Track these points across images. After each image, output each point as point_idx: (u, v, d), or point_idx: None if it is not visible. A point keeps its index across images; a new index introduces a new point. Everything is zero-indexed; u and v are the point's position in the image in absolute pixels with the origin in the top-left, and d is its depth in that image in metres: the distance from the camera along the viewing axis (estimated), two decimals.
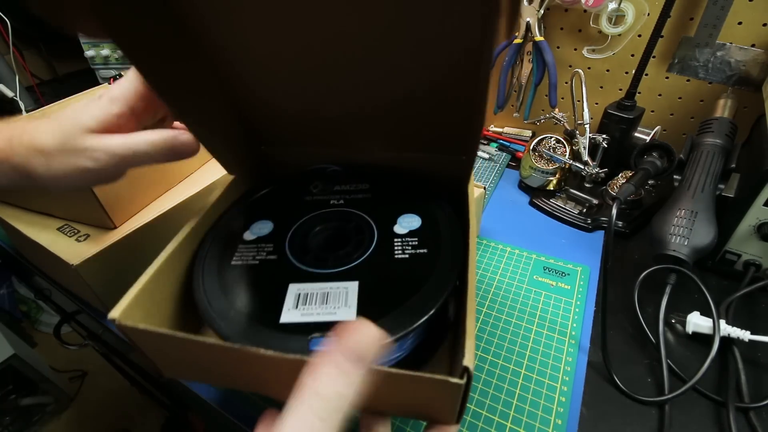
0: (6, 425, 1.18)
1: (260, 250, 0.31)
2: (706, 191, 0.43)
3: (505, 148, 0.74)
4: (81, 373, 1.35)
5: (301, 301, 0.27)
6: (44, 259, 0.46)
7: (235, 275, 0.29)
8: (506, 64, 0.63)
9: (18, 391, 1.16)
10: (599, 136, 0.55)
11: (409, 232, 0.31)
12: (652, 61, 0.57)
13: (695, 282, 0.39)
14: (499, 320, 0.43)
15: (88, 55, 0.86)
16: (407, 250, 0.30)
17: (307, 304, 0.27)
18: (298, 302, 0.27)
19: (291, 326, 0.25)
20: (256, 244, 0.31)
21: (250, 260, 0.30)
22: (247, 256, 0.30)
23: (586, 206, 0.57)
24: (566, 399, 0.36)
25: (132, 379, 1.04)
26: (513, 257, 0.51)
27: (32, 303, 1.46)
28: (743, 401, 0.35)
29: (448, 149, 0.34)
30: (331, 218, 0.34)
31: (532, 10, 0.59)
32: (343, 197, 0.35)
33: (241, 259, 0.30)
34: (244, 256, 0.30)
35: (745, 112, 0.54)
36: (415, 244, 0.30)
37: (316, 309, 0.26)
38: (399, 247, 0.30)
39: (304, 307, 0.26)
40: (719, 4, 0.50)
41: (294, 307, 0.26)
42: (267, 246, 0.31)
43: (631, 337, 0.41)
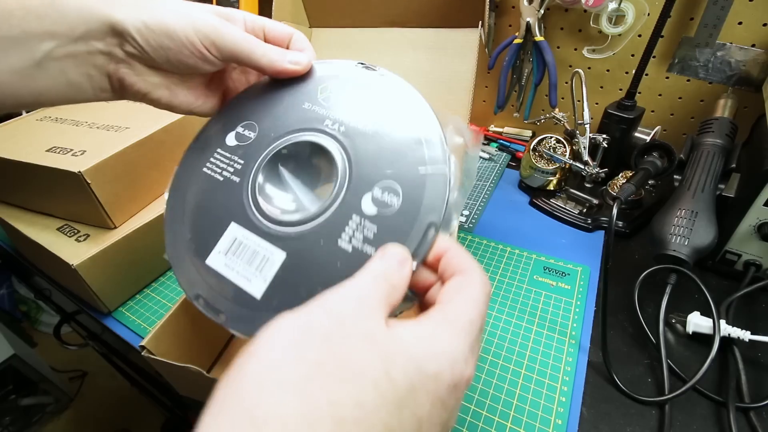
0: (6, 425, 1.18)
1: (230, 163, 0.28)
2: (707, 191, 0.43)
3: (505, 148, 0.74)
4: (81, 373, 1.35)
5: (232, 250, 0.25)
6: (44, 259, 0.46)
7: (200, 187, 0.28)
8: (506, 64, 0.63)
9: (18, 391, 1.16)
10: (599, 136, 0.55)
11: (376, 214, 0.23)
12: (652, 61, 0.57)
13: (695, 282, 0.39)
14: (499, 320, 0.43)
15: None
16: (355, 240, 0.23)
17: (236, 255, 0.25)
18: (229, 249, 0.25)
19: (211, 272, 0.25)
20: (231, 155, 0.28)
21: (217, 173, 0.28)
22: (218, 167, 0.28)
23: (586, 206, 0.57)
24: (566, 399, 0.36)
25: (132, 379, 1.04)
26: (513, 257, 0.51)
27: (32, 303, 1.46)
28: (743, 401, 0.35)
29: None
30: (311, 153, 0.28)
31: (532, 10, 0.59)
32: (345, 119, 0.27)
33: (211, 169, 0.28)
34: (216, 166, 0.28)
35: (745, 112, 0.54)
36: (369, 236, 0.23)
37: (238, 266, 0.25)
38: (351, 230, 0.23)
39: (232, 258, 0.25)
40: (719, 4, 0.50)
41: (224, 252, 0.25)
42: (238, 162, 0.28)
43: (631, 337, 0.41)
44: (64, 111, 0.53)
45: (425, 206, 0.23)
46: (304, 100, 0.29)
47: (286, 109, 0.29)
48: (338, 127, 0.27)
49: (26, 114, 0.53)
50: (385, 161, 0.25)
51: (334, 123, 0.27)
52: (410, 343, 0.17)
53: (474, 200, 0.61)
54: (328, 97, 0.28)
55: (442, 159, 0.24)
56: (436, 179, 0.24)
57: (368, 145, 0.26)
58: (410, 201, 0.23)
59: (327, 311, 0.17)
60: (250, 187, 0.27)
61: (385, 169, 0.25)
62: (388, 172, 0.25)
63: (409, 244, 0.22)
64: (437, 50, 0.45)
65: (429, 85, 0.46)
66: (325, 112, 0.28)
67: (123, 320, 0.45)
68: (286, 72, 0.28)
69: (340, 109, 0.28)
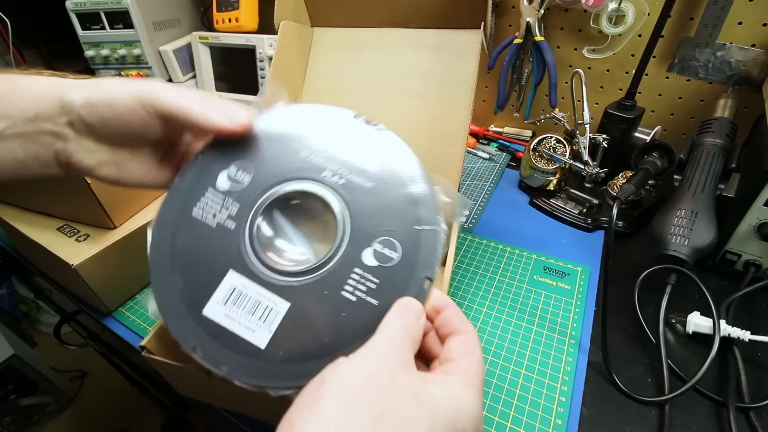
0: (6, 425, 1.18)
1: (224, 207, 0.27)
2: (707, 191, 0.43)
3: (505, 148, 0.74)
4: (81, 373, 1.35)
5: (232, 299, 0.25)
6: (44, 259, 0.46)
7: (191, 231, 0.27)
8: (506, 64, 0.63)
9: (18, 391, 1.16)
10: (599, 136, 0.55)
11: (377, 266, 0.25)
12: (652, 61, 0.57)
13: (695, 282, 0.39)
14: (499, 320, 0.43)
15: (88, 55, 0.86)
16: (358, 291, 0.24)
17: (236, 305, 0.25)
18: (228, 299, 0.25)
19: (209, 323, 0.25)
20: (224, 197, 0.27)
21: (208, 218, 0.27)
22: (208, 211, 0.27)
23: (586, 206, 0.57)
24: (566, 399, 0.36)
25: (132, 379, 1.04)
26: (513, 257, 0.51)
27: (32, 303, 1.46)
28: (743, 401, 0.35)
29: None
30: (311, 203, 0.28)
31: (532, 10, 0.59)
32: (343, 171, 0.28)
33: (202, 212, 0.27)
34: (206, 209, 0.27)
35: (745, 112, 0.54)
36: (372, 287, 0.24)
37: (240, 317, 0.24)
38: (354, 282, 0.25)
39: (232, 308, 0.25)
40: (719, 4, 0.50)
41: (222, 302, 0.25)
42: (233, 206, 0.27)
43: (631, 337, 0.41)
44: None
45: (421, 261, 0.25)
46: (301, 147, 0.28)
47: (283, 155, 0.28)
48: (338, 179, 0.27)
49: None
50: (384, 217, 0.26)
51: (334, 175, 0.27)
52: (445, 401, 0.19)
53: (474, 200, 0.61)
54: (327, 148, 0.28)
55: (434, 217, 0.26)
56: (430, 236, 0.25)
57: (367, 200, 0.27)
58: (408, 255, 0.25)
59: (379, 363, 0.20)
60: (248, 235, 0.26)
61: (384, 225, 0.26)
62: (388, 228, 0.26)
63: (408, 295, 0.24)
64: (439, 51, 0.46)
65: (430, 85, 0.46)
66: (323, 162, 0.28)
67: (123, 320, 0.45)
68: (225, 130, 0.27)
69: (338, 162, 0.28)
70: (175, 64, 0.84)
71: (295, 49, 0.49)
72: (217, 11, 0.81)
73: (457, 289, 0.47)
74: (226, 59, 0.83)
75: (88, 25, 0.83)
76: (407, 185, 0.27)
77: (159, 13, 0.84)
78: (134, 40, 0.81)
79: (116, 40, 0.83)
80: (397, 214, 0.26)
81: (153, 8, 0.82)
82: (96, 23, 0.82)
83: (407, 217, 0.26)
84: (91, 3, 0.79)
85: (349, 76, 0.49)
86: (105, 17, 0.81)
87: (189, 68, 0.88)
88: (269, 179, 0.27)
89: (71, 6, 0.81)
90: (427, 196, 0.27)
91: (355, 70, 0.49)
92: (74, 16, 0.82)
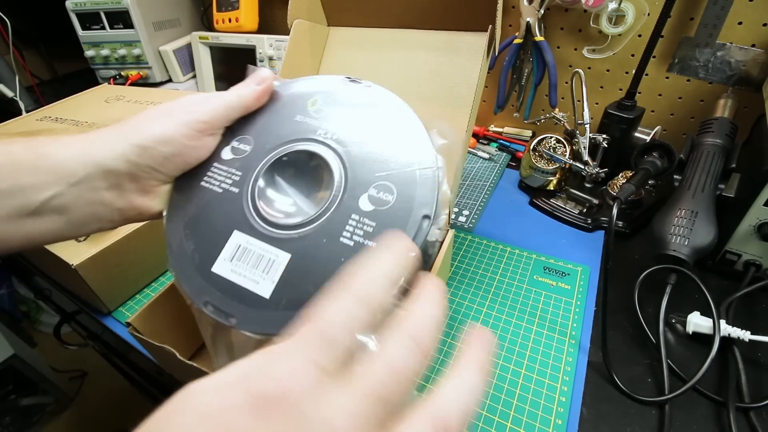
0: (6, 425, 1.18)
1: (228, 176, 0.29)
2: (707, 191, 0.43)
3: (505, 148, 0.74)
4: (81, 373, 1.35)
5: (237, 256, 0.26)
6: (44, 259, 0.46)
7: (199, 200, 0.28)
8: (506, 64, 0.63)
9: (18, 391, 1.16)
10: (599, 136, 0.55)
11: (373, 210, 0.25)
12: (652, 61, 0.57)
13: (695, 282, 0.39)
14: (499, 320, 0.43)
15: (88, 55, 0.86)
16: (356, 236, 0.25)
17: (241, 261, 0.26)
18: (234, 255, 0.26)
19: (218, 279, 0.26)
20: (228, 168, 0.29)
21: (215, 186, 0.28)
22: (215, 180, 0.29)
23: (586, 206, 0.57)
24: (566, 399, 0.36)
25: (132, 379, 1.04)
26: (513, 257, 0.51)
27: (32, 303, 1.46)
28: (743, 401, 0.35)
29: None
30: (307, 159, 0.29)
31: (532, 10, 0.59)
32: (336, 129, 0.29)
33: (209, 182, 0.29)
34: (214, 179, 0.29)
35: (745, 112, 0.54)
36: (369, 230, 0.25)
37: (245, 270, 0.26)
38: (351, 227, 0.25)
39: (237, 264, 0.26)
40: (719, 4, 0.50)
41: (229, 259, 0.26)
42: (236, 174, 0.29)
43: (631, 337, 0.41)
44: (64, 111, 0.53)
45: (418, 201, 0.25)
46: (295, 113, 0.30)
47: (278, 122, 0.30)
48: (331, 135, 0.28)
49: (26, 114, 0.53)
50: (378, 164, 0.27)
51: (327, 132, 0.29)
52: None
53: (474, 200, 0.61)
54: (319, 109, 0.30)
55: (430, 158, 0.27)
56: (426, 176, 0.26)
57: (361, 150, 0.28)
58: (404, 197, 0.26)
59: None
60: (250, 196, 0.28)
61: (379, 171, 0.27)
62: (382, 173, 0.27)
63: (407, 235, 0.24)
64: (449, 52, 0.46)
65: (438, 88, 0.46)
66: (317, 123, 0.29)
67: (123, 320, 0.45)
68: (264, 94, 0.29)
69: (331, 120, 0.29)
70: (175, 64, 0.84)
71: (308, 48, 0.49)
72: (217, 11, 0.81)
73: (457, 289, 0.47)
74: (226, 59, 0.83)
75: (88, 25, 0.83)
76: (398, 130, 0.28)
77: (159, 13, 0.84)
78: (134, 40, 0.81)
79: (116, 40, 0.83)
80: (392, 159, 0.27)
81: (153, 8, 0.82)
82: (96, 23, 0.82)
83: (401, 161, 0.27)
84: (91, 3, 0.79)
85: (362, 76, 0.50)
86: (105, 17, 0.81)
87: (189, 68, 0.88)
88: (268, 145, 0.29)
89: (71, 6, 0.81)
90: (420, 137, 0.27)
91: (367, 70, 0.49)
92: (74, 16, 0.82)
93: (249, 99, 0.29)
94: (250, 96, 0.29)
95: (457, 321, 0.43)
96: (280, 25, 0.89)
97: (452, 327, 0.43)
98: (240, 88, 0.29)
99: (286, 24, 0.47)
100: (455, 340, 0.41)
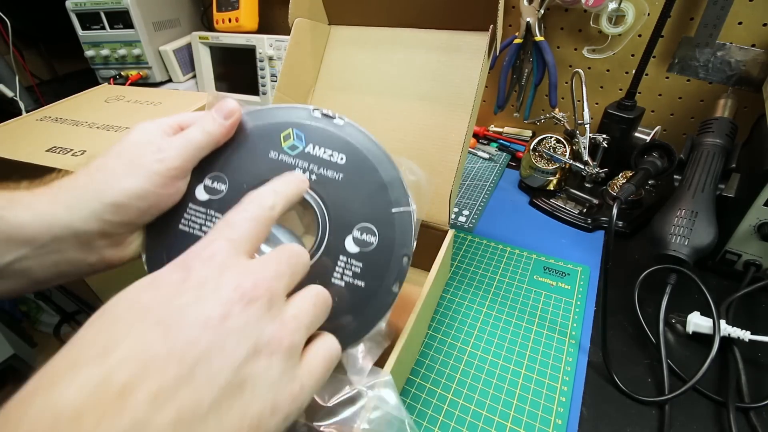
0: None
1: (208, 218, 0.28)
2: (707, 191, 0.43)
3: (505, 148, 0.74)
4: None
5: None
6: None
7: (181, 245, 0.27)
8: (506, 64, 0.63)
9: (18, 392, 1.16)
10: (599, 136, 0.55)
11: (358, 251, 0.27)
12: (652, 61, 0.57)
13: (695, 282, 0.39)
14: (499, 320, 0.43)
15: (88, 55, 0.86)
16: (346, 276, 0.27)
17: None
18: None
19: None
20: (206, 209, 0.28)
21: (196, 230, 0.28)
22: (194, 223, 0.28)
23: (586, 206, 0.57)
24: (566, 399, 0.36)
25: None
26: (513, 257, 0.51)
27: (32, 303, 1.45)
28: (743, 401, 0.35)
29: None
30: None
31: (532, 10, 0.59)
32: (312, 167, 0.29)
33: (188, 225, 0.28)
34: (192, 222, 0.28)
35: (745, 112, 0.54)
36: (357, 271, 0.27)
37: None
38: (340, 268, 0.27)
39: None
40: (719, 4, 0.50)
41: None
42: (216, 216, 0.28)
43: (631, 337, 0.41)
44: (64, 111, 0.53)
45: (398, 241, 0.27)
46: (268, 148, 0.29)
47: (252, 158, 0.29)
48: (309, 176, 0.29)
49: (26, 114, 0.53)
50: (358, 205, 0.28)
51: (305, 172, 0.29)
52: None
53: (474, 200, 0.61)
54: (294, 146, 0.29)
55: (405, 198, 0.28)
56: (403, 217, 0.28)
57: (340, 191, 0.28)
58: (385, 238, 0.27)
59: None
60: None
61: (360, 213, 0.28)
62: (363, 215, 0.28)
63: (390, 274, 0.27)
64: (449, 52, 0.46)
65: (438, 88, 0.46)
66: (292, 161, 0.29)
67: None
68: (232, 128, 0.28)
69: (307, 159, 0.29)
70: (175, 64, 0.84)
71: (309, 47, 0.49)
72: (217, 11, 0.81)
73: (458, 289, 0.47)
74: (226, 59, 0.83)
75: (88, 25, 0.83)
76: (375, 172, 0.29)
77: (159, 13, 0.84)
78: (134, 40, 0.81)
79: (116, 40, 0.83)
80: (370, 201, 0.28)
81: (153, 8, 0.82)
82: (96, 23, 0.82)
83: (380, 202, 0.28)
84: (91, 3, 0.79)
85: (362, 75, 0.50)
86: (105, 17, 0.81)
87: (189, 68, 0.88)
88: (245, 184, 0.28)
89: (71, 6, 0.81)
90: (395, 179, 0.29)
91: (368, 69, 0.49)
92: (74, 16, 0.82)
93: (218, 136, 0.27)
94: (219, 133, 0.27)
95: (457, 321, 0.43)
96: (280, 25, 0.89)
97: (452, 327, 0.43)
98: (207, 124, 0.27)
99: (286, 24, 0.47)
100: (456, 341, 0.41)
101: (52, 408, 0.14)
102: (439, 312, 0.44)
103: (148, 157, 0.25)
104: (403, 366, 0.36)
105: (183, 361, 0.16)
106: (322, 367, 0.21)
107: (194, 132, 0.27)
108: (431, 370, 0.39)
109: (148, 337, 0.16)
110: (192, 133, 0.27)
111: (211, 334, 0.17)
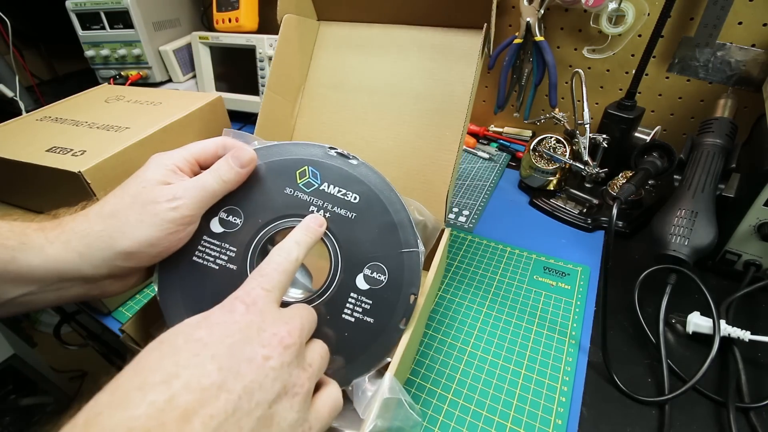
0: (6, 425, 1.18)
1: (223, 251, 0.29)
2: (707, 191, 0.43)
3: (505, 148, 0.74)
4: (81, 373, 1.35)
5: None
6: None
7: (194, 277, 0.28)
8: (506, 64, 0.63)
9: (18, 391, 1.16)
10: (599, 136, 0.55)
11: (368, 289, 0.28)
12: (652, 61, 0.57)
13: (695, 282, 0.39)
14: (499, 320, 0.43)
15: (88, 55, 0.86)
16: (356, 313, 0.28)
17: None
18: None
19: None
20: (220, 242, 0.29)
21: (210, 262, 0.28)
22: (209, 256, 0.28)
23: (586, 206, 0.57)
24: (566, 399, 0.36)
25: None
26: (513, 257, 0.51)
27: None
28: (743, 401, 0.35)
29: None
30: None
31: (532, 10, 0.59)
32: (327, 205, 0.30)
33: (202, 258, 0.28)
34: (206, 255, 0.28)
35: (745, 112, 0.54)
36: (367, 308, 0.28)
37: None
38: (351, 305, 0.28)
39: None
40: (719, 4, 0.50)
41: None
42: (230, 249, 0.29)
43: (631, 337, 0.41)
44: (64, 111, 0.53)
45: (406, 280, 0.29)
46: (284, 185, 0.30)
47: (267, 194, 0.30)
48: (323, 213, 0.30)
49: (26, 114, 0.53)
50: (370, 244, 0.29)
51: (319, 210, 0.30)
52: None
53: (474, 200, 0.61)
54: (309, 183, 0.30)
55: (414, 239, 0.29)
56: (412, 257, 0.29)
57: (352, 230, 0.30)
58: (394, 276, 0.29)
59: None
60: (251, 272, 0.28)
61: (371, 252, 0.29)
62: (374, 254, 0.29)
63: (398, 311, 0.28)
64: (443, 50, 0.45)
65: (432, 86, 0.45)
66: (307, 198, 0.30)
67: (123, 320, 0.45)
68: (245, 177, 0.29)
69: (321, 197, 0.30)
70: (175, 64, 0.84)
71: (298, 44, 0.49)
72: (217, 11, 0.81)
73: (457, 289, 0.47)
74: (226, 59, 0.83)
75: (88, 25, 0.83)
76: (387, 212, 0.30)
77: (159, 13, 0.84)
78: (134, 40, 0.81)
79: (116, 40, 0.83)
80: (381, 241, 0.29)
81: (153, 8, 0.82)
82: (96, 23, 0.82)
83: (390, 242, 0.29)
84: (91, 3, 0.79)
85: (353, 73, 0.49)
86: (105, 17, 0.81)
87: (189, 68, 0.88)
88: (261, 219, 0.29)
89: (71, 6, 0.81)
90: (404, 220, 0.30)
91: (360, 66, 0.48)
92: (74, 16, 0.82)
93: (233, 184, 0.28)
94: (234, 181, 0.28)
95: (456, 321, 0.43)
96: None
97: (452, 327, 0.43)
98: (224, 172, 0.27)
99: None
100: (456, 341, 0.41)
101: (126, 423, 0.16)
102: (439, 312, 0.44)
103: (163, 205, 0.25)
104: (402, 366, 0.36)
105: (232, 392, 0.18)
106: (328, 415, 0.23)
107: (210, 179, 0.27)
108: (431, 370, 0.39)
109: (206, 369, 0.19)
110: (208, 180, 0.27)
111: (255, 372, 0.19)
